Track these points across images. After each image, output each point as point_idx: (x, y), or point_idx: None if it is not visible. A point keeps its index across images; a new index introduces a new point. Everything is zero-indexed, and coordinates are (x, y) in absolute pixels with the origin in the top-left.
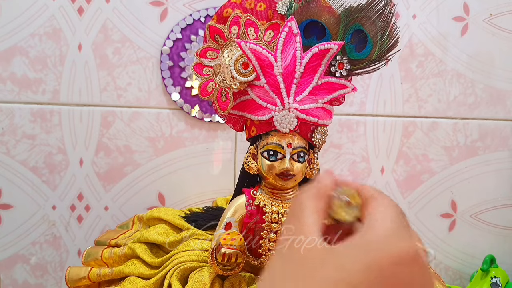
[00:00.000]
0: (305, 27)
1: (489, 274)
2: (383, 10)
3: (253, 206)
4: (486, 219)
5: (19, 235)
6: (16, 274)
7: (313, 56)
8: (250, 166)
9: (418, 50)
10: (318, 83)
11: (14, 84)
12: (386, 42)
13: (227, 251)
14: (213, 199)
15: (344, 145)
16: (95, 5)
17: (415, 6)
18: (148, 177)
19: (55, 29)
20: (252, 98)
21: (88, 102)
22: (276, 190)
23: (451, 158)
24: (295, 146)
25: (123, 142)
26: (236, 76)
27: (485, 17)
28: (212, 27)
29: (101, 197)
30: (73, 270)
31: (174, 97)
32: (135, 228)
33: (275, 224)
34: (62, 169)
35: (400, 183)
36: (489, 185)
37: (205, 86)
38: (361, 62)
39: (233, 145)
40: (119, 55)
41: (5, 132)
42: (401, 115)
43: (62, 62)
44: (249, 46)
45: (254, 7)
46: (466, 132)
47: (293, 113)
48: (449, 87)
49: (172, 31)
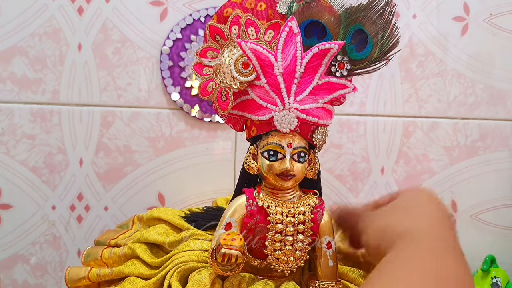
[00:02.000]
0: (306, 27)
1: (490, 274)
2: (384, 10)
3: (254, 206)
4: (486, 219)
5: (19, 235)
6: (16, 274)
7: (313, 56)
8: (250, 166)
9: (418, 50)
10: (319, 83)
11: (14, 84)
12: (387, 42)
13: (227, 252)
14: (213, 199)
15: (344, 145)
16: (95, 5)
17: (415, 6)
18: (148, 177)
19: (55, 29)
20: (252, 98)
21: (88, 102)
22: (276, 190)
23: (451, 158)
24: (296, 146)
25: (123, 142)
26: (236, 76)
27: (485, 17)
28: (213, 26)
29: (101, 197)
30: (73, 270)
31: (174, 97)
32: (135, 228)
33: (280, 225)
34: (62, 169)
35: (400, 183)
36: (489, 185)
37: (205, 86)
38: (361, 62)
39: (233, 145)
40: (119, 55)
41: (5, 132)
42: (401, 115)
43: (62, 62)
44: (250, 46)
45: (255, 7)
46: (466, 132)
47: (293, 113)
48: (449, 87)
49: (172, 31)
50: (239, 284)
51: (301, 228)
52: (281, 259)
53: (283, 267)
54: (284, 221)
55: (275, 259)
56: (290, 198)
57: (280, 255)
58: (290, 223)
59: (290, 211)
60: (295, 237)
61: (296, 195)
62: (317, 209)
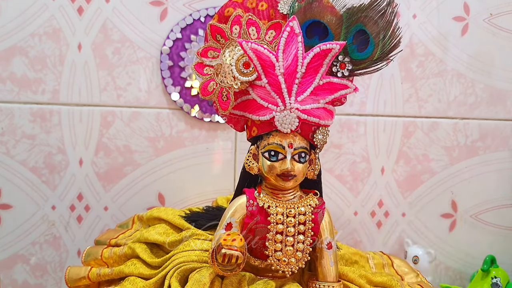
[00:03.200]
0: (307, 27)
1: (490, 274)
2: (386, 10)
3: (254, 206)
4: (486, 219)
5: (19, 235)
6: (16, 274)
7: (314, 56)
8: (251, 167)
9: (419, 50)
10: (320, 83)
11: (13, 84)
12: (388, 42)
13: (227, 252)
14: (213, 199)
15: (344, 145)
16: (95, 5)
17: (416, 6)
18: (148, 177)
19: (55, 29)
20: (253, 98)
21: (88, 102)
22: (277, 190)
23: (451, 158)
24: (296, 147)
25: (123, 142)
26: (237, 76)
27: (486, 17)
28: (214, 26)
29: (101, 197)
30: (73, 270)
31: (174, 97)
32: (135, 228)
33: (281, 225)
34: (61, 169)
35: (401, 183)
36: (490, 185)
37: (206, 85)
38: (363, 63)
39: (233, 145)
40: (119, 55)
41: (5, 132)
42: (401, 115)
43: (61, 62)
44: (251, 45)
45: (256, 7)
46: (466, 132)
47: (294, 113)
48: (449, 87)
49: (172, 31)
50: (239, 282)
51: (302, 229)
52: (282, 259)
53: (284, 267)
54: (284, 221)
55: (276, 260)
56: (291, 198)
57: (281, 255)
58: (291, 224)
59: (290, 211)
60: (296, 237)
61: (297, 196)
62: (318, 210)
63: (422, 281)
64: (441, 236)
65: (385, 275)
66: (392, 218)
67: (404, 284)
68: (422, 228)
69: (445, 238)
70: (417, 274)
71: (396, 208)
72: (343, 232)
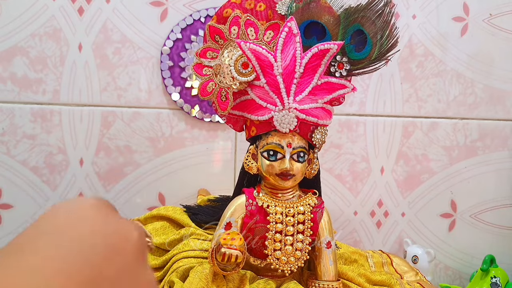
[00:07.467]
0: (305, 28)
1: (489, 274)
2: (383, 10)
3: (253, 206)
4: (486, 219)
5: None
6: None
7: (313, 56)
8: (250, 166)
9: (418, 50)
10: (318, 83)
11: (14, 84)
12: (386, 42)
13: (227, 251)
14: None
15: (344, 145)
16: (95, 5)
17: (415, 6)
18: (148, 177)
19: (55, 29)
20: (252, 98)
21: (89, 102)
22: (276, 190)
23: (451, 158)
24: (295, 146)
25: (123, 142)
26: (236, 76)
27: (485, 17)
28: (212, 27)
29: (101, 197)
30: None
31: (174, 97)
32: None
33: (280, 225)
34: (62, 169)
35: (400, 183)
36: (489, 185)
37: (205, 86)
38: (361, 62)
39: (233, 145)
40: (119, 55)
41: (6, 132)
42: (401, 115)
43: (62, 62)
44: (249, 46)
45: (254, 7)
46: (466, 132)
47: (293, 113)
48: (449, 87)
49: (172, 31)
50: (241, 280)
51: (301, 228)
52: (281, 259)
53: (283, 267)
54: (283, 221)
55: (275, 259)
56: (290, 198)
57: (280, 255)
58: (290, 223)
59: (289, 211)
60: (295, 237)
61: (296, 195)
62: (317, 209)
63: (421, 280)
64: (440, 235)
65: (384, 273)
66: (391, 218)
67: (404, 282)
68: (421, 228)
69: (445, 237)
70: (416, 273)
71: (396, 208)
72: (343, 232)
